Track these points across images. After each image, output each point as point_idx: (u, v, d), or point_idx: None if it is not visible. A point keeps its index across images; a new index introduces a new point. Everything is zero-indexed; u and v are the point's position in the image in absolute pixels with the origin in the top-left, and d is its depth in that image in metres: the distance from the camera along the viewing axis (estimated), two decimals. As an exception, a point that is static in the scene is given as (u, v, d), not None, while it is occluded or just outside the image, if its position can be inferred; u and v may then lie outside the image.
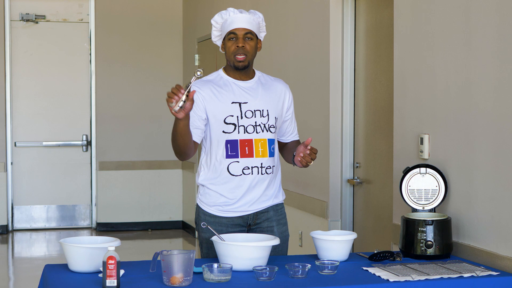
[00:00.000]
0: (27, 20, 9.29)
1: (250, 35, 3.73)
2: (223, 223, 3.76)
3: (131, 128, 9.55)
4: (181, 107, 3.37)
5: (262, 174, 3.74)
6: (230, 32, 3.73)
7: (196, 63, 9.01)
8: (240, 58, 3.71)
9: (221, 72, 3.81)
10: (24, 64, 9.32)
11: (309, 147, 3.61)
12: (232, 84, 3.76)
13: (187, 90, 3.36)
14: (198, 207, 3.83)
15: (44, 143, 9.40)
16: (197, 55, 9.03)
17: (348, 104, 5.45)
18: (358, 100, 5.40)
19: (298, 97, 3.95)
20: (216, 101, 3.70)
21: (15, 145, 9.30)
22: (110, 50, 9.49)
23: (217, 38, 3.84)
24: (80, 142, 9.48)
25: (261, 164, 3.73)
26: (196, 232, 8.94)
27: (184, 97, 3.35)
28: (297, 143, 3.93)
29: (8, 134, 9.25)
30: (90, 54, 9.46)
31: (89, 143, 9.50)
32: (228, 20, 3.75)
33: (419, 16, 4.23)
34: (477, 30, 3.72)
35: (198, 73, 3.40)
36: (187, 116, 3.47)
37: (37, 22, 9.34)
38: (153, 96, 9.53)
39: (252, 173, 3.72)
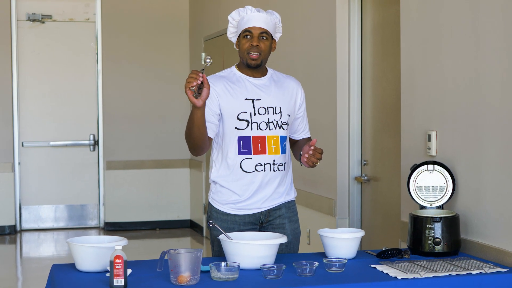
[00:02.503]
0: (34, 20, 9.29)
1: (265, 34, 3.72)
2: (235, 221, 3.75)
3: (138, 127, 9.55)
4: (199, 93, 3.39)
5: (274, 171, 3.74)
6: (246, 30, 3.72)
7: (203, 62, 8.99)
8: (253, 56, 3.70)
9: (234, 68, 3.81)
10: (31, 64, 9.33)
11: (312, 148, 3.60)
12: (245, 81, 3.76)
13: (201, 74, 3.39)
14: (210, 205, 3.83)
15: (52, 143, 9.40)
16: (203, 54, 9.02)
17: (355, 102, 5.44)
18: (365, 97, 5.39)
19: (305, 94, 3.94)
20: (230, 97, 3.70)
21: (22, 145, 9.31)
22: (116, 49, 9.49)
23: (232, 34, 3.83)
24: (87, 142, 9.49)
25: (274, 161, 3.73)
26: (207, 231, 8.96)
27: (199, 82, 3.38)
28: (308, 140, 3.93)
29: (16, 134, 9.26)
30: (97, 53, 9.47)
31: (96, 142, 9.50)
32: (245, 17, 3.73)
33: (426, 12, 4.22)
34: (485, 25, 3.70)
35: (208, 60, 3.40)
36: (204, 106, 3.48)
37: (43, 22, 9.35)
38: (160, 95, 9.52)
39: (264, 170, 3.72)
